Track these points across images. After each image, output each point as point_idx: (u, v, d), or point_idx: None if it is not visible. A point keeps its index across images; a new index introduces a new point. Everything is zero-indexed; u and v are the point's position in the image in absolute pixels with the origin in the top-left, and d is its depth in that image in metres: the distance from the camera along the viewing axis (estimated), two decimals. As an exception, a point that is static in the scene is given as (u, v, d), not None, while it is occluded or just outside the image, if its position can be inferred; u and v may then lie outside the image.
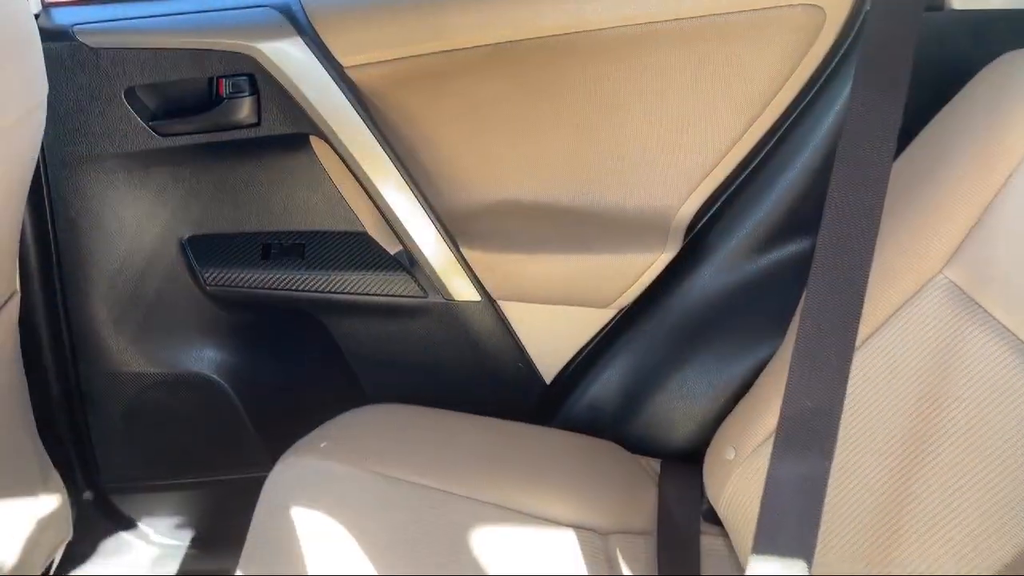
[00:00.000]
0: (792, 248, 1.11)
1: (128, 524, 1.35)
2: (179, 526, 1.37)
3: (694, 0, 1.02)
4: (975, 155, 0.86)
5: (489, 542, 0.95)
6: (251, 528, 0.94)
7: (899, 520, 0.80)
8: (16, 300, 0.99)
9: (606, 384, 1.23)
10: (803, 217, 1.08)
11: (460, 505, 0.99)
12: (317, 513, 0.93)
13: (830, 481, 0.87)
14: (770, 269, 1.12)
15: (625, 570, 0.98)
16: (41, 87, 0.86)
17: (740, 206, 1.15)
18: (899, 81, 0.82)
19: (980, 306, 0.81)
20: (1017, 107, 0.84)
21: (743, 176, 1.15)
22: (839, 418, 0.74)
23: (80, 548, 1.33)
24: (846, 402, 0.89)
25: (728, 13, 1.02)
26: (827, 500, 0.87)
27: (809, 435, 0.74)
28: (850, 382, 0.89)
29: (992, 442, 0.75)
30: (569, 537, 0.99)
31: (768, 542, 0.73)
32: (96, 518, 1.33)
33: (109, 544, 1.34)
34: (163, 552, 1.37)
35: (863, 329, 0.90)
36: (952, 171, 0.88)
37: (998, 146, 0.84)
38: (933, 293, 0.86)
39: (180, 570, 1.37)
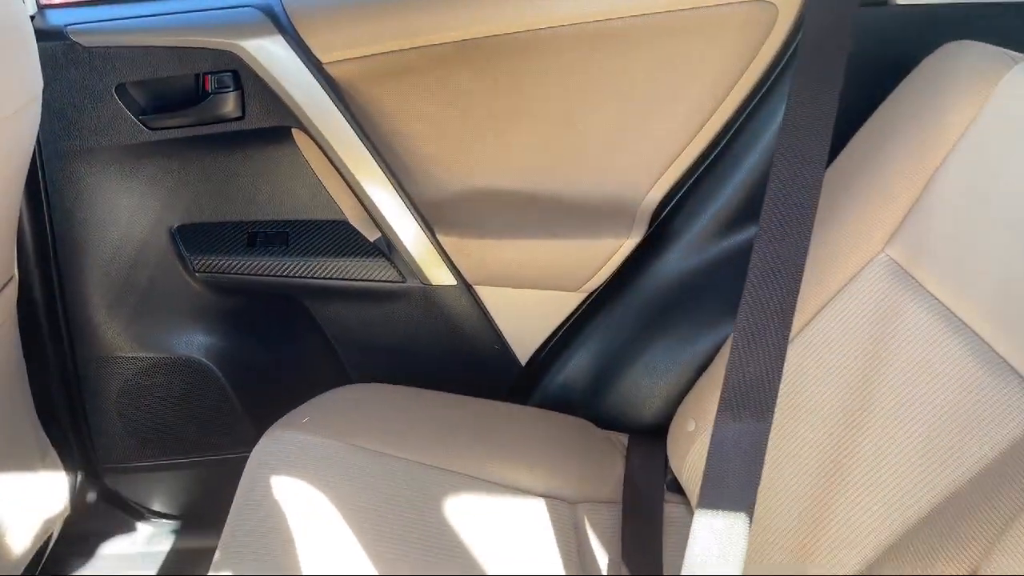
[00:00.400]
0: (750, 232, 1.16)
1: (123, 503, 1.40)
2: (172, 504, 1.42)
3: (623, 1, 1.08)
4: (915, 139, 0.92)
5: (461, 510, 1.01)
6: (236, 498, 0.99)
7: (838, 475, 0.86)
8: (14, 284, 1.05)
9: (578, 364, 1.29)
10: (760, 203, 1.14)
11: (434, 476, 1.05)
12: (298, 482, 0.98)
13: (779, 442, 0.94)
14: (730, 252, 1.18)
15: (592, 537, 1.03)
16: (36, 82, 0.92)
17: (702, 194, 1.21)
18: (835, 73, 0.88)
19: (915, 280, 0.87)
20: (954, 93, 0.90)
21: (705, 165, 1.21)
22: (777, 386, 0.80)
23: (77, 527, 1.38)
24: (792, 372, 0.95)
25: (684, 10, 1.08)
26: (774, 459, 0.94)
27: (750, 401, 0.80)
28: (796, 355, 0.95)
29: (921, 404, 0.81)
30: (539, 505, 1.04)
31: (713, 496, 0.78)
32: (92, 497, 1.38)
33: (105, 522, 1.40)
34: (157, 530, 1.42)
35: (811, 307, 0.97)
36: (894, 155, 0.94)
37: (936, 130, 0.90)
38: (875, 270, 0.92)
39: (174, 546, 1.43)
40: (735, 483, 0.79)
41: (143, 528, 1.42)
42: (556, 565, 0.98)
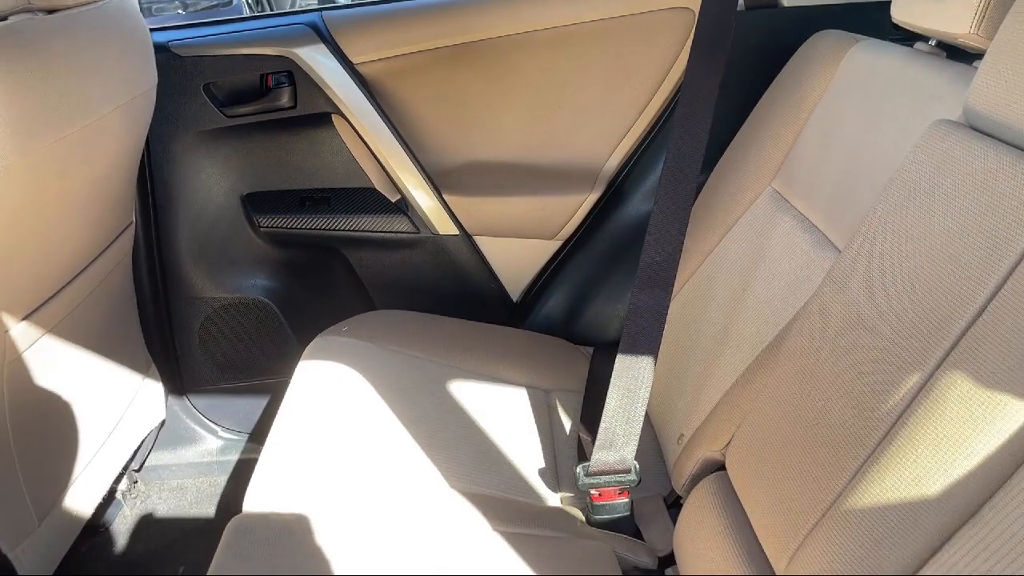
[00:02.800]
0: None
1: (200, 419, 1.74)
2: (240, 422, 1.75)
3: (593, 7, 1.42)
4: (791, 104, 1.24)
5: (466, 395, 1.32)
6: (291, 385, 1.30)
7: (724, 340, 1.18)
8: (132, 229, 1.41)
9: (557, 299, 1.62)
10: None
11: (446, 370, 1.37)
12: (340, 369, 1.31)
13: (692, 318, 1.25)
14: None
15: (560, 413, 1.35)
16: (152, 76, 1.28)
17: (647, 160, 1.54)
18: (718, 59, 1.17)
19: (788, 202, 1.19)
20: (812, 68, 1.22)
21: (650, 138, 1.54)
22: (676, 268, 1.11)
23: (161, 439, 1.73)
24: (705, 275, 1.27)
25: (621, 16, 1.43)
26: (684, 330, 1.26)
27: (657, 278, 1.11)
28: (709, 264, 1.27)
29: (777, 278, 1.12)
30: (522, 392, 1.37)
31: (629, 346, 1.10)
32: (179, 412, 1.72)
33: (185, 436, 1.73)
34: (227, 443, 1.75)
35: (721, 230, 1.29)
36: (777, 116, 1.27)
37: (803, 96, 1.23)
38: (763, 199, 1.24)
39: (240, 457, 1.76)
40: (645, 337, 1.11)
41: (215, 442, 1.74)
42: (533, 430, 1.29)
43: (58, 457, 1.21)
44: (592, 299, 1.58)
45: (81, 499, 1.27)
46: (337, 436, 1.17)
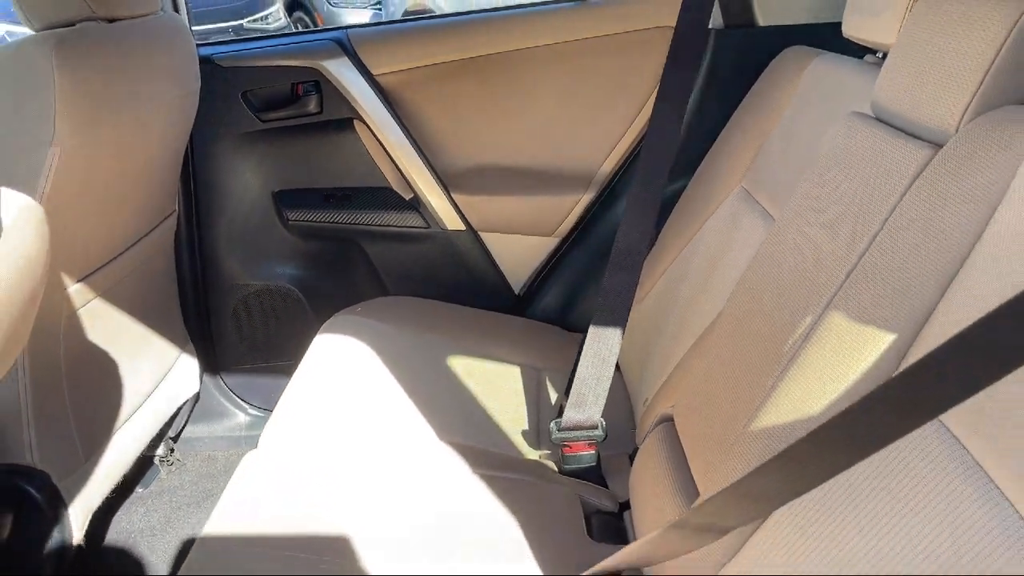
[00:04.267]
0: (674, 186, 1.64)
1: (231, 396, 1.91)
2: (266, 399, 1.91)
3: (589, 25, 1.59)
4: (761, 113, 1.38)
5: (468, 371, 1.46)
6: (307, 353, 1.45)
7: (689, 317, 1.31)
8: (174, 217, 1.60)
9: (554, 292, 1.77)
10: (676, 168, 1.61)
11: (445, 347, 1.52)
12: (352, 340, 1.47)
13: (664, 302, 1.39)
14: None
15: (548, 387, 1.49)
16: (197, 80, 1.47)
17: (637, 164, 1.69)
18: (690, 68, 1.32)
19: (755, 199, 1.33)
20: (779, 80, 1.36)
21: (640, 144, 1.69)
22: (644, 255, 1.27)
23: (196, 414, 1.90)
24: (680, 264, 1.41)
25: (614, 34, 1.59)
26: (660, 312, 1.39)
27: (625, 263, 1.27)
28: (683, 257, 1.41)
29: (736, 265, 1.25)
30: (516, 369, 1.52)
31: (600, 319, 1.25)
32: (209, 391, 1.90)
33: (216, 411, 1.91)
34: (254, 420, 1.92)
35: (693, 228, 1.43)
36: (749, 124, 1.41)
37: (771, 105, 1.37)
38: (733, 197, 1.38)
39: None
40: (612, 309, 1.25)
41: (244, 417, 1.92)
42: (522, 401, 1.43)
43: (104, 405, 1.39)
44: (586, 291, 1.73)
45: (122, 447, 1.44)
46: (344, 395, 1.33)
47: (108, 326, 1.37)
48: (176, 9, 1.60)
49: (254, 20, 5.20)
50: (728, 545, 0.86)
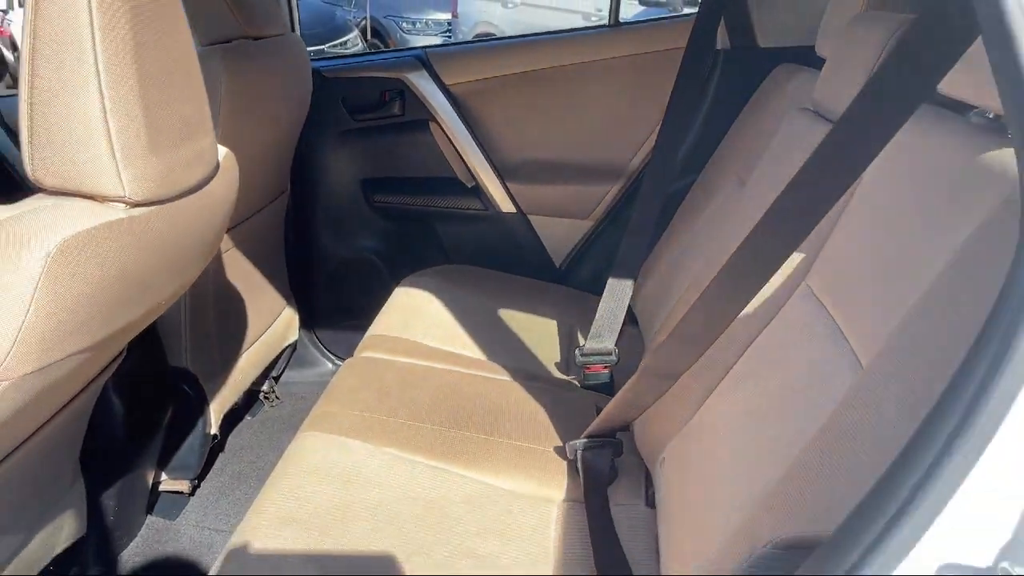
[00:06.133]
0: (687, 180, 1.98)
1: (321, 348, 2.31)
2: (349, 352, 2.25)
3: (626, 45, 1.97)
4: (754, 118, 1.73)
5: (508, 320, 1.82)
6: (385, 305, 1.84)
7: (689, 271, 1.66)
8: (286, 196, 2.01)
9: (588, 265, 2.14)
10: (690, 165, 1.97)
11: (495, 304, 1.88)
12: (423, 293, 1.85)
13: (669, 263, 1.73)
14: (674, 193, 2.01)
15: (579, 338, 1.85)
16: (308, 85, 1.89)
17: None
18: (697, 86, 1.68)
19: (745, 186, 1.68)
20: (773, 92, 1.71)
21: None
22: (652, 225, 1.62)
23: (293, 361, 2.30)
24: (685, 237, 1.76)
25: (646, 52, 1.96)
26: (666, 269, 1.74)
27: (638, 231, 1.63)
28: (689, 231, 1.75)
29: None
30: (553, 323, 1.88)
31: (617, 271, 1.61)
32: (304, 342, 2.30)
33: (309, 360, 2.31)
34: (339, 369, 2.31)
35: (699, 211, 1.78)
36: (744, 128, 1.76)
37: (762, 113, 1.72)
38: (729, 186, 1.73)
39: (348, 381, 2.30)
40: (627, 268, 1.61)
41: (332, 367, 2.31)
42: (556, 344, 1.79)
43: (236, 331, 1.80)
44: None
45: (245, 367, 1.85)
46: (415, 334, 1.71)
47: (239, 272, 1.78)
48: (293, 30, 2.03)
49: (334, 45, 5.72)
50: (689, 410, 1.21)
